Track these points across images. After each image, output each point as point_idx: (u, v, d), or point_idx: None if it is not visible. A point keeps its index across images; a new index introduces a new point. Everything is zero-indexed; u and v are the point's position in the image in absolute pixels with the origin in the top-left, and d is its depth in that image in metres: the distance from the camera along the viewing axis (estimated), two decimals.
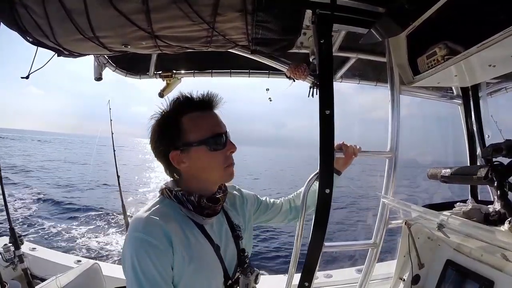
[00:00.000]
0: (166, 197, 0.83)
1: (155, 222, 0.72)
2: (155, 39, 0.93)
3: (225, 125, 0.85)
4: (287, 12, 0.89)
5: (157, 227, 0.72)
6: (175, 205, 0.81)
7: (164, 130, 0.82)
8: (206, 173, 0.83)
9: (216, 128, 0.82)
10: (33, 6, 0.83)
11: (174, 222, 0.76)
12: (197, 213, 0.81)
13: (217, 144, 0.80)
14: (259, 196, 1.13)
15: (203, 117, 0.82)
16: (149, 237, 0.70)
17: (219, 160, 0.81)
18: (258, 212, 1.10)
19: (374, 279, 1.55)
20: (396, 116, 1.22)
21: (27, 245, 2.64)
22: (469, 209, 1.11)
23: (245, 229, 0.96)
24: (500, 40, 0.80)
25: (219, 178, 0.85)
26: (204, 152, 0.80)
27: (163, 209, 0.78)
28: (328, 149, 1.00)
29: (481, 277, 1.12)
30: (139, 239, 0.70)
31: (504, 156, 0.96)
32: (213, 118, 0.84)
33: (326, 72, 1.02)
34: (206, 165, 0.82)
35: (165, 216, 0.75)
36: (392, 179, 1.22)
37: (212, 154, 0.80)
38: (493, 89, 1.55)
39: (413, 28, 1.09)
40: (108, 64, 1.59)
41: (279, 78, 1.65)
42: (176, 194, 0.81)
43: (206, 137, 0.79)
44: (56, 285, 1.61)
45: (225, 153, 0.82)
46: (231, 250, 0.87)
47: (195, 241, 0.78)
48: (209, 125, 0.81)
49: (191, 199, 0.80)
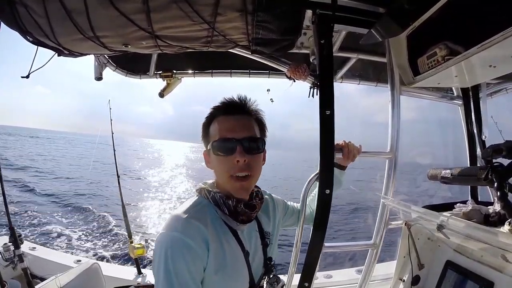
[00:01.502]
0: (204, 197, 0.83)
1: (195, 225, 0.72)
2: (155, 39, 0.93)
3: (247, 132, 0.80)
4: (288, 12, 0.89)
5: (196, 230, 0.71)
6: (211, 207, 0.80)
7: (202, 130, 0.87)
8: (218, 178, 0.84)
9: (225, 132, 0.79)
10: (33, 5, 0.83)
11: (212, 226, 0.75)
12: (232, 218, 0.79)
13: (222, 148, 0.78)
14: (286, 201, 1.13)
15: (222, 120, 0.82)
16: (188, 239, 0.68)
17: (224, 167, 0.79)
18: (285, 218, 1.10)
19: (374, 279, 1.55)
20: (396, 116, 1.22)
21: (27, 245, 2.65)
22: (469, 210, 1.11)
23: (274, 236, 0.96)
24: (500, 40, 0.80)
25: (227, 186, 0.81)
26: (212, 155, 0.81)
27: (202, 211, 0.77)
28: (328, 149, 1.00)
29: (481, 278, 1.12)
30: (177, 239, 0.68)
31: (504, 157, 0.96)
32: (229, 122, 0.81)
33: (326, 72, 1.02)
34: (215, 169, 0.83)
35: (204, 219, 0.75)
36: (392, 179, 1.22)
37: (218, 159, 0.79)
38: (493, 89, 1.55)
39: (413, 29, 1.09)
40: (109, 64, 1.59)
41: (280, 78, 1.65)
42: (214, 196, 0.80)
43: (214, 140, 0.80)
44: (56, 284, 1.62)
45: (231, 160, 0.77)
46: (258, 258, 0.87)
47: (228, 247, 0.77)
48: (221, 129, 0.80)
49: (229, 203, 0.79)
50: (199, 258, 0.69)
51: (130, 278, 2.38)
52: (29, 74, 1.10)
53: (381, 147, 1.24)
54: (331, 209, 1.00)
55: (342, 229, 8.75)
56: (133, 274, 2.45)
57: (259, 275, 0.86)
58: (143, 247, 2.54)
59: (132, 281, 2.35)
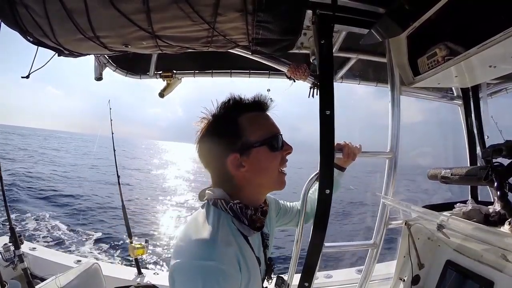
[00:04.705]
0: (221, 209, 0.74)
1: (226, 246, 0.65)
2: (155, 39, 0.93)
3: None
4: (288, 13, 0.89)
5: (229, 252, 0.65)
6: (229, 218, 0.74)
7: (221, 132, 0.76)
8: (263, 177, 0.78)
9: (274, 128, 0.80)
10: (33, 6, 0.83)
11: (234, 240, 0.70)
12: (250, 227, 0.75)
13: (277, 144, 0.77)
14: (278, 200, 1.11)
15: (261, 117, 0.79)
16: (223, 265, 0.61)
17: (277, 162, 0.78)
18: (278, 217, 1.08)
19: (374, 279, 1.56)
20: (396, 116, 1.22)
21: (27, 245, 2.65)
22: (469, 210, 1.11)
23: (270, 236, 0.94)
24: (500, 40, 0.80)
25: (274, 183, 0.80)
26: (264, 153, 0.75)
27: (225, 227, 0.70)
28: (328, 149, 1.00)
29: (481, 277, 1.12)
30: (211, 268, 0.60)
31: (504, 157, 0.96)
32: (270, 118, 0.81)
33: (326, 73, 1.02)
34: (265, 167, 0.77)
35: (229, 235, 0.69)
36: (392, 179, 1.22)
37: (273, 155, 0.77)
38: (493, 90, 1.55)
39: (413, 29, 1.09)
40: (109, 64, 1.59)
41: (280, 79, 1.65)
42: (232, 207, 0.74)
43: (267, 136, 0.76)
44: (56, 285, 1.62)
45: (283, 153, 0.79)
46: (262, 260, 0.84)
47: (248, 258, 0.72)
48: (268, 125, 0.79)
49: (247, 213, 0.75)
50: (234, 281, 0.64)
51: (130, 278, 2.38)
52: (29, 74, 1.10)
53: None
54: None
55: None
56: (133, 274, 2.45)
57: (263, 276, 0.86)
58: (143, 247, 2.55)
59: (132, 281, 2.35)
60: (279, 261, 5.85)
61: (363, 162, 1.27)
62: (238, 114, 0.77)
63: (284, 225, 1.13)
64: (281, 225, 1.12)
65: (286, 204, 1.13)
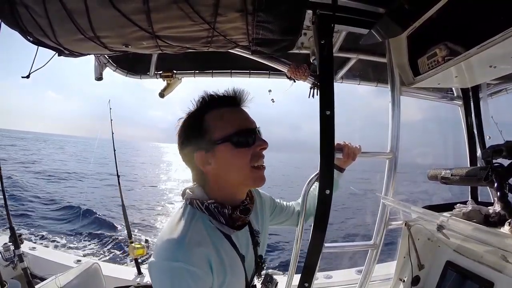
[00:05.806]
0: (196, 208, 0.75)
1: (197, 250, 0.65)
2: (155, 39, 0.93)
3: (254, 122, 0.79)
4: (288, 13, 0.89)
5: (198, 253, 0.65)
6: (205, 218, 0.74)
7: (188, 130, 0.78)
8: (231, 174, 0.76)
9: (243, 122, 0.76)
10: (33, 6, 0.83)
11: (209, 240, 0.70)
12: (228, 226, 0.75)
13: (244, 140, 0.74)
14: (274, 198, 1.10)
15: (228, 113, 0.76)
16: (191, 266, 0.62)
17: (246, 158, 0.74)
18: (273, 215, 1.07)
19: (374, 280, 1.56)
20: (396, 117, 1.22)
21: (27, 244, 2.65)
22: (469, 211, 1.11)
23: (262, 234, 0.93)
24: (500, 41, 0.80)
25: (246, 180, 0.77)
26: (229, 150, 0.73)
27: (198, 226, 0.70)
28: (328, 150, 1.00)
29: (481, 278, 1.12)
30: (179, 269, 0.62)
31: (504, 157, 0.96)
32: (240, 113, 0.78)
33: (326, 73, 1.02)
34: (231, 164, 0.74)
35: (202, 236, 0.69)
36: (392, 180, 1.22)
37: (238, 151, 0.73)
38: (493, 90, 1.55)
39: (413, 29, 1.09)
40: (109, 64, 1.59)
41: (280, 79, 1.65)
42: (208, 207, 0.74)
43: (231, 132, 0.73)
44: (56, 284, 1.62)
45: (254, 150, 0.75)
46: (250, 257, 0.84)
47: (226, 256, 0.72)
48: (235, 120, 0.75)
49: (224, 212, 0.74)
50: (204, 282, 0.65)
51: (130, 278, 2.38)
52: (29, 74, 1.10)
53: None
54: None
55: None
56: (133, 274, 2.46)
57: (251, 274, 0.85)
58: (143, 247, 2.55)
59: (132, 281, 2.35)
60: (278, 260, 5.87)
61: (361, 163, 1.26)
62: (206, 111, 0.77)
63: (280, 223, 1.12)
64: (276, 223, 1.11)
65: (282, 203, 1.13)
